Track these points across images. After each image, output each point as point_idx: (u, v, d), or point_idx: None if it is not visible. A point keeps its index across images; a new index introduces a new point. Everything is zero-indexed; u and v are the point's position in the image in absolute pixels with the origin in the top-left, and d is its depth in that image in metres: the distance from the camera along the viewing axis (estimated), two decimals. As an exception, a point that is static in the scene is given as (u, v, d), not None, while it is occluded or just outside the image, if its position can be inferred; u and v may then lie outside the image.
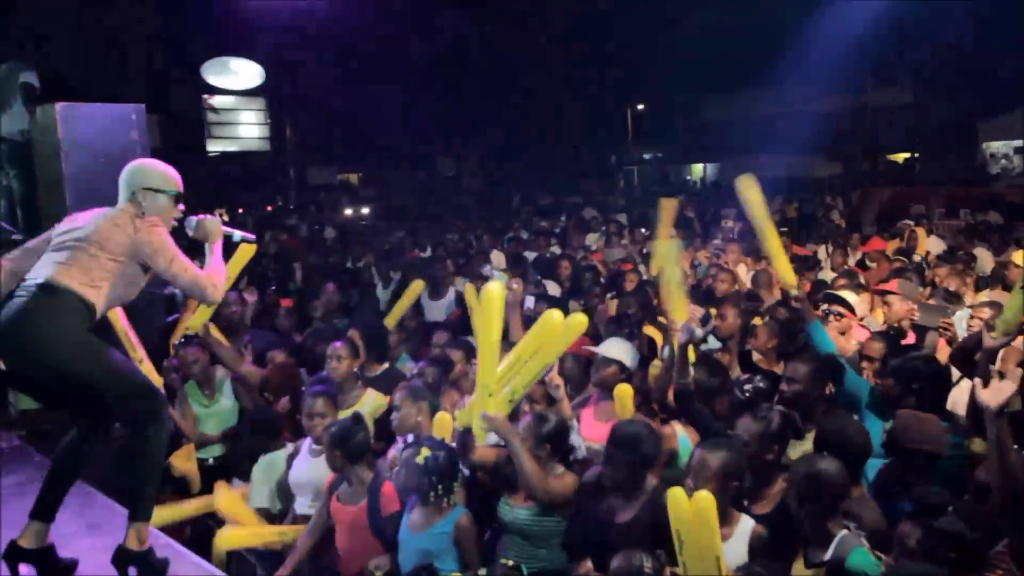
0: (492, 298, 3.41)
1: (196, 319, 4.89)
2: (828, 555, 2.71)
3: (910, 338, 5.01)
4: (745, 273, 7.41)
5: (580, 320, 3.46)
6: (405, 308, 5.81)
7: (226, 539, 3.91)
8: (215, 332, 4.92)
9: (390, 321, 5.64)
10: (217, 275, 3.18)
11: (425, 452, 3.30)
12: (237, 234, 3.55)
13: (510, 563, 2.95)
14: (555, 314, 3.43)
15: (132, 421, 3.02)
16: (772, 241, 4.29)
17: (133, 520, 3.04)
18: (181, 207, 3.26)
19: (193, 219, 3.30)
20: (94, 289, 2.90)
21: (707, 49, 21.00)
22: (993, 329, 3.40)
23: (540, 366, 3.44)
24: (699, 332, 3.76)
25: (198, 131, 22.11)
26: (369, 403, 4.37)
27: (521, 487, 3.37)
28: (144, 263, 3.04)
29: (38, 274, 2.90)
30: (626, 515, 3.13)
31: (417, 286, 6.03)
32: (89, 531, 3.33)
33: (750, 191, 4.25)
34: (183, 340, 4.92)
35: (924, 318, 5.15)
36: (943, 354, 4.36)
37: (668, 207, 5.81)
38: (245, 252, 4.65)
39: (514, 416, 3.63)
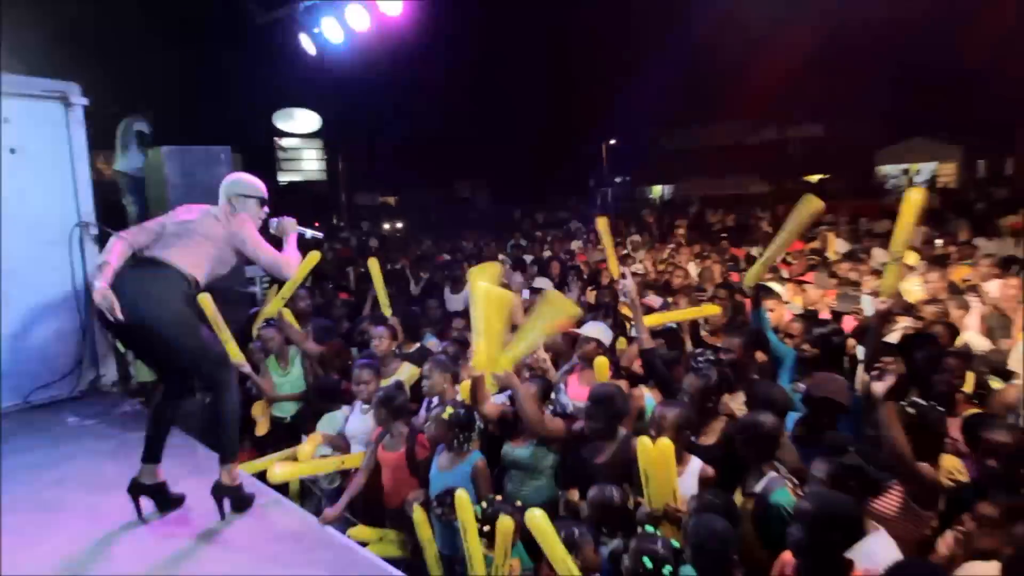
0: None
1: (272, 307, 4.95)
2: (758, 488, 2.73)
3: (827, 316, 5.01)
4: (694, 270, 7.41)
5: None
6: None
7: (279, 474, 3.58)
8: (289, 317, 4.95)
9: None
10: (292, 257, 3.33)
11: (449, 410, 3.32)
12: (308, 232, 3.59)
13: (499, 498, 2.97)
14: (554, 293, 3.54)
15: (211, 386, 3.04)
16: (777, 251, 4.07)
17: (223, 462, 3.08)
18: (265, 209, 3.36)
19: (274, 220, 3.41)
20: (198, 268, 3.02)
21: (666, 95, 20.98)
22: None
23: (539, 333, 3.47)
24: (629, 286, 3.86)
25: (270, 165, 22.11)
26: (405, 373, 4.38)
27: (523, 427, 3.38)
28: (236, 248, 3.16)
29: (156, 253, 2.99)
30: (603, 457, 3.15)
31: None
32: (192, 473, 3.35)
33: (805, 209, 3.74)
34: (264, 324, 4.94)
35: (841, 304, 5.16)
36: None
37: (602, 223, 5.80)
38: (311, 259, 4.67)
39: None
